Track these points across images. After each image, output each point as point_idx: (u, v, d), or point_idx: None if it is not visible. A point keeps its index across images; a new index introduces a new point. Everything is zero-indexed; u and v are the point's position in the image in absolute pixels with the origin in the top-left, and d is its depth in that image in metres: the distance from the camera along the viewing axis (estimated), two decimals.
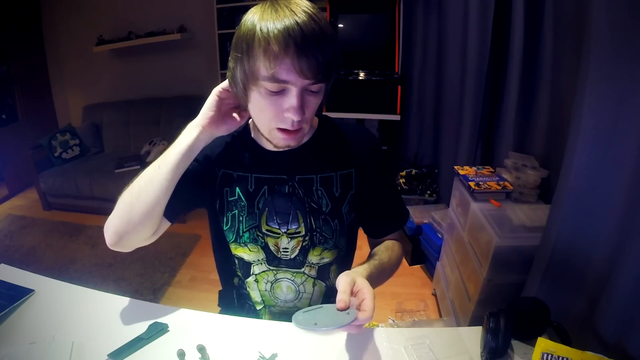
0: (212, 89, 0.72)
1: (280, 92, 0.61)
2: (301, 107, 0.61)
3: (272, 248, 0.78)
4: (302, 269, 0.79)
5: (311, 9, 0.60)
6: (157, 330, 0.72)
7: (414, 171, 2.46)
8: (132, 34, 3.16)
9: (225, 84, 0.70)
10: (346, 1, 2.61)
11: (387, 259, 0.79)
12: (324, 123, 0.81)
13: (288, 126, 0.64)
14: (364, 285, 0.59)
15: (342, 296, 0.56)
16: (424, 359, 0.68)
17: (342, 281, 0.59)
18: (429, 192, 2.43)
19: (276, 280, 0.81)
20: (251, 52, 0.59)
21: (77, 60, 3.46)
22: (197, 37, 3.18)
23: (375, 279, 0.70)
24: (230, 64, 0.66)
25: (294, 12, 0.57)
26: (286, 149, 0.71)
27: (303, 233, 0.77)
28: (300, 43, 0.56)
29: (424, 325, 1.74)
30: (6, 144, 3.08)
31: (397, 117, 2.48)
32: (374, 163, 0.79)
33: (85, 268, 2.25)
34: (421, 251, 2.16)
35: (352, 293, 0.59)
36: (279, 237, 0.77)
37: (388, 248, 0.83)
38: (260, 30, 0.57)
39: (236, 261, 0.82)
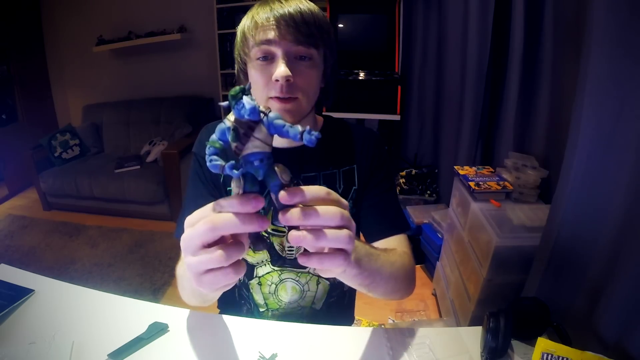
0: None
1: (269, 60, 0.64)
2: (288, 70, 0.62)
3: (277, 247, 0.78)
4: (307, 268, 0.79)
5: (307, 3, 0.66)
6: (157, 330, 0.72)
7: (414, 171, 2.46)
8: (132, 34, 3.16)
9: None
10: (346, 1, 2.60)
11: (385, 253, 0.64)
12: (328, 122, 0.83)
13: (278, 92, 0.64)
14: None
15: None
16: (424, 359, 0.68)
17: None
18: (429, 192, 2.42)
19: (280, 281, 0.80)
20: (244, 32, 0.67)
21: (77, 60, 3.46)
22: (197, 37, 3.18)
23: (366, 256, 0.55)
24: (235, 55, 0.71)
25: (286, 3, 0.64)
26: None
27: None
28: (279, 7, 0.63)
29: (424, 325, 1.74)
30: (6, 144, 3.08)
31: (397, 117, 2.48)
32: (372, 157, 0.79)
33: (85, 268, 2.25)
34: (421, 251, 2.16)
35: None
36: (284, 236, 0.77)
37: (390, 249, 0.69)
38: (252, 14, 0.66)
39: None
